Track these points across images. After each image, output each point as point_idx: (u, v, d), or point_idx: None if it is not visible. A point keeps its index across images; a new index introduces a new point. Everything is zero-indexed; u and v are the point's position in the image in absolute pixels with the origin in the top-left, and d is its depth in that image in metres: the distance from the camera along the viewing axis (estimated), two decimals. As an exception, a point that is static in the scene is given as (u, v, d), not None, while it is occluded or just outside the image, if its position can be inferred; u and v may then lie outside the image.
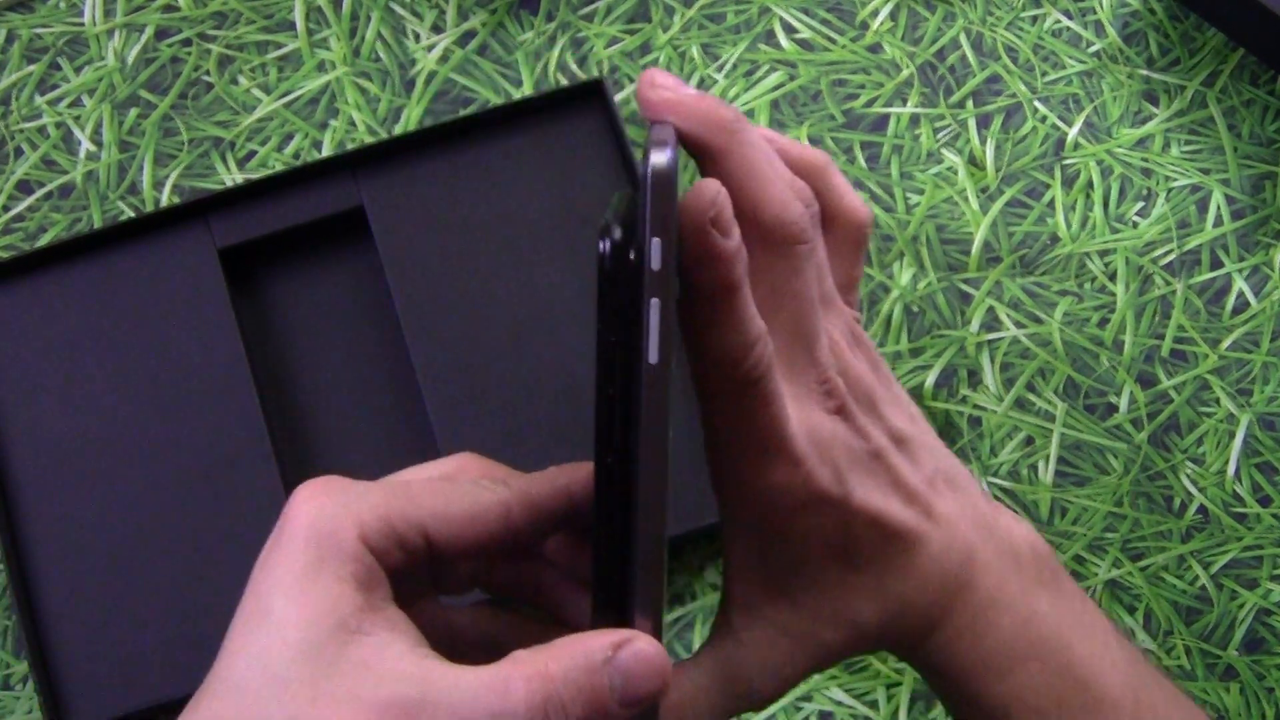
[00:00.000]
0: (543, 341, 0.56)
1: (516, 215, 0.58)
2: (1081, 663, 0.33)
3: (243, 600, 0.28)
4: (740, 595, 0.32)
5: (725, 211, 0.28)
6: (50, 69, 0.61)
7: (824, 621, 0.32)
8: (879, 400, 0.33)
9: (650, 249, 0.26)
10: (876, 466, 0.32)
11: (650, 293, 0.26)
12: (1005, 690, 0.33)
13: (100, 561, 0.53)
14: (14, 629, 0.54)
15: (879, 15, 0.63)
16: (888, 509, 0.32)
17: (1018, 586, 0.33)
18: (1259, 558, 0.56)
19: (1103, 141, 0.61)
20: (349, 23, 0.62)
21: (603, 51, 0.62)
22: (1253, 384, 0.58)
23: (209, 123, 0.60)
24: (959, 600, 0.33)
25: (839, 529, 0.31)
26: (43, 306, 0.56)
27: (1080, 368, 0.58)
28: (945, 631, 0.33)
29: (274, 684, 0.26)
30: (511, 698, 0.26)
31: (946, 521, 0.33)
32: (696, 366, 0.30)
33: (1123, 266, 0.60)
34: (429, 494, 0.30)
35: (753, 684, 0.32)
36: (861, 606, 0.32)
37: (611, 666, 0.27)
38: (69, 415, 0.55)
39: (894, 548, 0.32)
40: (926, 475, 0.33)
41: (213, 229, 0.57)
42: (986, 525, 0.34)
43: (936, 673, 0.34)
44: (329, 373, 0.57)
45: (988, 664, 0.33)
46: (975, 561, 0.33)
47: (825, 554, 0.32)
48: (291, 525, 0.28)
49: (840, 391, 0.31)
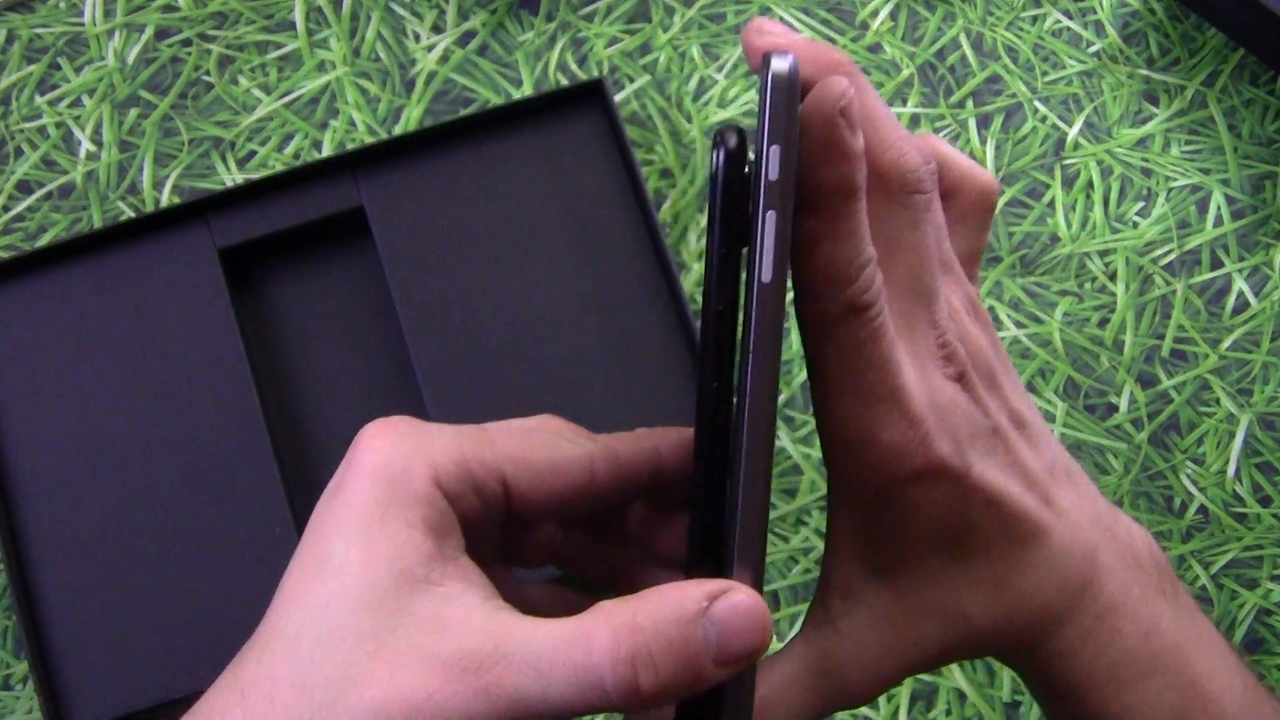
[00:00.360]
0: (543, 341, 0.56)
1: (516, 215, 0.58)
2: (1202, 680, 0.30)
3: (300, 545, 0.26)
4: (841, 578, 0.29)
5: (854, 106, 0.25)
6: (50, 69, 0.61)
7: (930, 615, 0.29)
8: (999, 376, 0.30)
9: (769, 157, 0.24)
10: (996, 445, 0.29)
11: (766, 205, 0.24)
12: (1125, 706, 0.30)
13: (100, 561, 0.53)
14: (14, 629, 0.54)
15: (879, 15, 0.63)
16: (1009, 491, 0.29)
17: (1140, 594, 0.31)
18: (1259, 558, 0.56)
19: (1103, 141, 0.61)
20: (349, 23, 0.62)
21: (603, 51, 0.62)
22: (1253, 384, 0.58)
23: (209, 123, 0.60)
24: (1081, 602, 0.30)
25: (954, 507, 0.28)
26: (43, 306, 0.56)
27: (1080, 368, 0.58)
28: (1064, 637, 0.30)
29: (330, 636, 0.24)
30: (595, 651, 0.24)
31: (1067, 515, 0.30)
32: (803, 294, 0.27)
33: (1123, 266, 0.59)
34: (509, 439, 0.28)
35: (848, 679, 0.29)
36: (973, 600, 0.29)
37: (707, 619, 0.24)
38: (69, 415, 0.55)
39: (1012, 536, 0.29)
40: (1047, 463, 0.30)
41: (213, 229, 0.57)
42: (1106, 525, 0.31)
43: (1049, 683, 0.31)
44: (329, 373, 0.57)
45: (1111, 676, 0.30)
46: (1097, 562, 0.30)
47: (936, 536, 0.29)
48: (358, 465, 0.26)
49: (961, 358, 0.28)
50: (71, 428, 0.54)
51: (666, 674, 0.24)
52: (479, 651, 0.23)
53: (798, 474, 0.56)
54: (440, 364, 0.56)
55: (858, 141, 0.25)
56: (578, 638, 0.24)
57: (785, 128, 0.24)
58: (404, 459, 0.26)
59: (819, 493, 0.56)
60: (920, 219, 0.28)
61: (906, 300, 0.28)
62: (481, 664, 0.23)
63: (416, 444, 0.26)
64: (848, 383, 0.27)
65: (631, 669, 0.23)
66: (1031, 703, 0.53)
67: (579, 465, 0.28)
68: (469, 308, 0.56)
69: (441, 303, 0.56)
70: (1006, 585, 0.29)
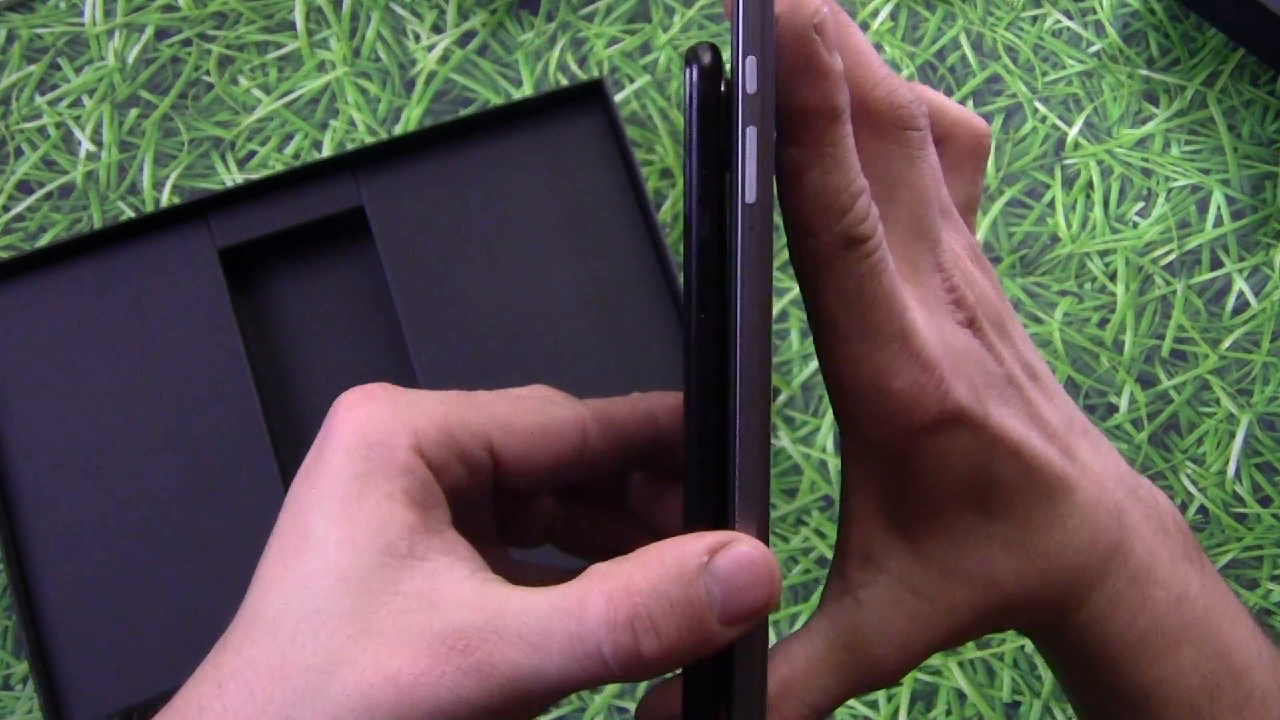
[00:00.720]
0: (543, 341, 0.56)
1: (516, 215, 0.58)
2: (1232, 651, 0.29)
3: (277, 524, 0.25)
4: (859, 544, 0.27)
5: (829, 22, 0.23)
6: (50, 69, 0.61)
7: (957, 580, 0.27)
8: (1009, 325, 0.28)
9: (745, 68, 0.22)
10: (1012, 394, 0.27)
11: (746, 120, 0.22)
12: (1156, 675, 0.28)
13: (100, 561, 0.53)
14: (14, 629, 0.54)
15: (879, 15, 0.63)
16: (1030, 442, 0.26)
17: (1168, 558, 0.28)
18: (1259, 558, 0.56)
19: (1103, 141, 0.61)
20: (349, 23, 0.62)
21: (603, 51, 0.62)
22: (1253, 384, 0.58)
23: (209, 123, 0.60)
24: (1111, 564, 0.28)
25: (977, 460, 0.26)
26: (43, 306, 0.56)
27: (1080, 368, 0.58)
28: (1096, 602, 0.28)
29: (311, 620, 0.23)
30: (589, 618, 0.22)
31: (1091, 470, 0.28)
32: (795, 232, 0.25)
33: (1123, 266, 0.59)
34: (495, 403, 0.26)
35: (875, 655, 0.27)
36: (1002, 563, 0.27)
37: (709, 574, 0.22)
38: (69, 415, 0.55)
39: (1038, 491, 0.27)
40: (1065, 417, 0.28)
41: (213, 229, 0.57)
42: (1130, 486, 0.29)
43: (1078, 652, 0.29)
44: (329, 373, 0.57)
45: (1143, 644, 0.28)
46: (1126, 523, 0.28)
47: (960, 492, 0.26)
48: (335, 435, 0.24)
49: (970, 303, 0.26)
50: (71, 428, 0.54)
51: (670, 637, 0.22)
52: (468, 627, 0.22)
53: (797, 474, 0.56)
54: (440, 364, 0.56)
55: (835, 60, 0.24)
56: (570, 605, 0.22)
57: (760, 38, 0.22)
58: (382, 427, 0.24)
59: (819, 493, 0.56)
60: (916, 156, 0.26)
61: (909, 243, 0.26)
62: (470, 641, 0.22)
63: (395, 410, 0.25)
64: (852, 325, 0.25)
65: (631, 634, 0.22)
66: (1032, 703, 0.53)
67: (569, 427, 0.27)
68: (469, 308, 0.56)
69: (441, 303, 0.56)
70: (1035, 545, 0.27)
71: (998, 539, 0.27)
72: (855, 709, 0.53)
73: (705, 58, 0.23)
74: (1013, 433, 0.26)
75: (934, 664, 0.54)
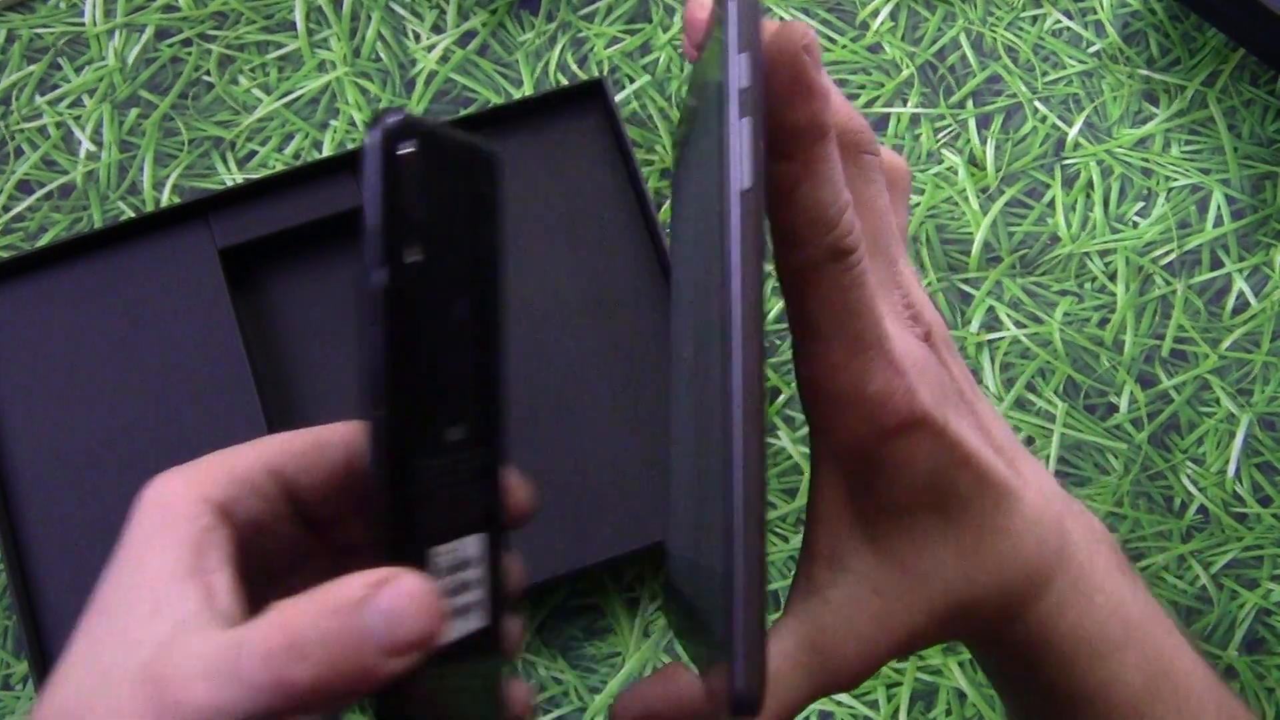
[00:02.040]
0: (542, 341, 0.56)
1: (516, 215, 0.58)
2: (1169, 656, 0.30)
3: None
4: (826, 546, 0.29)
5: (817, 45, 0.25)
6: (50, 69, 0.61)
7: (915, 580, 0.28)
8: (953, 345, 0.30)
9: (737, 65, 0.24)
10: (964, 407, 0.29)
11: (741, 112, 0.23)
12: (1101, 677, 0.29)
13: (100, 561, 0.53)
14: (14, 629, 0.54)
15: (879, 15, 0.63)
16: (982, 451, 0.28)
17: (1104, 567, 0.30)
18: (1259, 558, 0.56)
19: (1103, 141, 0.61)
20: (349, 23, 0.62)
21: (603, 51, 0.62)
22: (1253, 384, 0.58)
23: (209, 123, 0.60)
24: (1056, 571, 0.29)
25: (936, 462, 0.28)
26: (43, 306, 0.56)
27: (1080, 368, 0.58)
28: (1044, 605, 0.29)
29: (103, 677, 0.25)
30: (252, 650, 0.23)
31: (1034, 484, 0.30)
32: (783, 243, 0.26)
33: (1123, 266, 0.59)
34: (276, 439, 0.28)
35: (841, 655, 0.28)
36: (957, 566, 0.28)
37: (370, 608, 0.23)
38: (69, 415, 0.55)
39: (987, 497, 0.28)
40: (1008, 434, 0.30)
41: (213, 229, 0.57)
42: (1066, 501, 0.31)
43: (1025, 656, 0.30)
44: (329, 373, 0.57)
45: (1088, 647, 0.29)
46: (1066, 534, 0.30)
47: (922, 495, 0.28)
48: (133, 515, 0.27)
49: (926, 319, 0.29)
50: (71, 427, 0.54)
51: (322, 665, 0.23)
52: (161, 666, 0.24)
53: (797, 474, 0.56)
54: (440, 364, 0.56)
55: (824, 79, 0.25)
56: (237, 639, 0.23)
57: (751, 36, 0.24)
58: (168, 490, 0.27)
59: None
60: (874, 179, 0.28)
61: (871, 259, 0.28)
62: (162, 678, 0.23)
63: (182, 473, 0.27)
64: (836, 332, 0.27)
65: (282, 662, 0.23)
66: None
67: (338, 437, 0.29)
68: (469, 308, 0.56)
69: (441, 303, 0.56)
70: (988, 551, 0.29)
71: (953, 543, 0.28)
72: (855, 709, 0.53)
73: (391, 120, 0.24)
74: (967, 441, 0.28)
75: (934, 664, 0.54)
